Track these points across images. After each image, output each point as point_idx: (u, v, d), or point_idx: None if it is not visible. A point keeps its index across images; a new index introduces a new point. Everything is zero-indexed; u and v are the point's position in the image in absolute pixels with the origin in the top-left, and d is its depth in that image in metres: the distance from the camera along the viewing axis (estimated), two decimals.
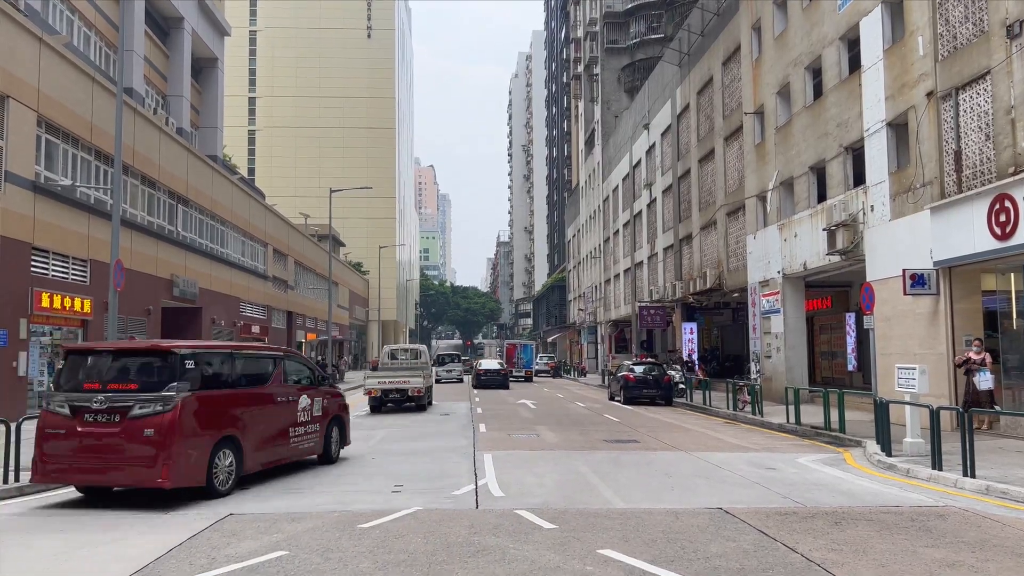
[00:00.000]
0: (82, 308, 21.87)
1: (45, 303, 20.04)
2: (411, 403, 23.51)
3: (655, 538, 7.16)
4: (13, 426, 10.08)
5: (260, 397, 10.72)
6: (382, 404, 23.31)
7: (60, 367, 9.75)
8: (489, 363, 40.30)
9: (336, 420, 12.77)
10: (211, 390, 9.70)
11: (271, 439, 10.80)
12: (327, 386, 12.78)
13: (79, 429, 9.03)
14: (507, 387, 37.36)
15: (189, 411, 9.16)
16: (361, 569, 6.21)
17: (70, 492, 9.98)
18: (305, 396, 11.80)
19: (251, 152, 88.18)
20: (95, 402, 9.03)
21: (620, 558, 6.46)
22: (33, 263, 19.94)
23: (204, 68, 42.92)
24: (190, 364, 9.48)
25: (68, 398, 9.20)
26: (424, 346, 32.08)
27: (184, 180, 29.99)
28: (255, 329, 38.94)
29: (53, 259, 20.97)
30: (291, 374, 11.74)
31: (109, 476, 9.14)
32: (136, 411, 8.95)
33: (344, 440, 13.14)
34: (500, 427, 17.85)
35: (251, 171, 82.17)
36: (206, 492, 9.38)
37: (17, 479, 10.00)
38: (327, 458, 12.44)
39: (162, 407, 8.97)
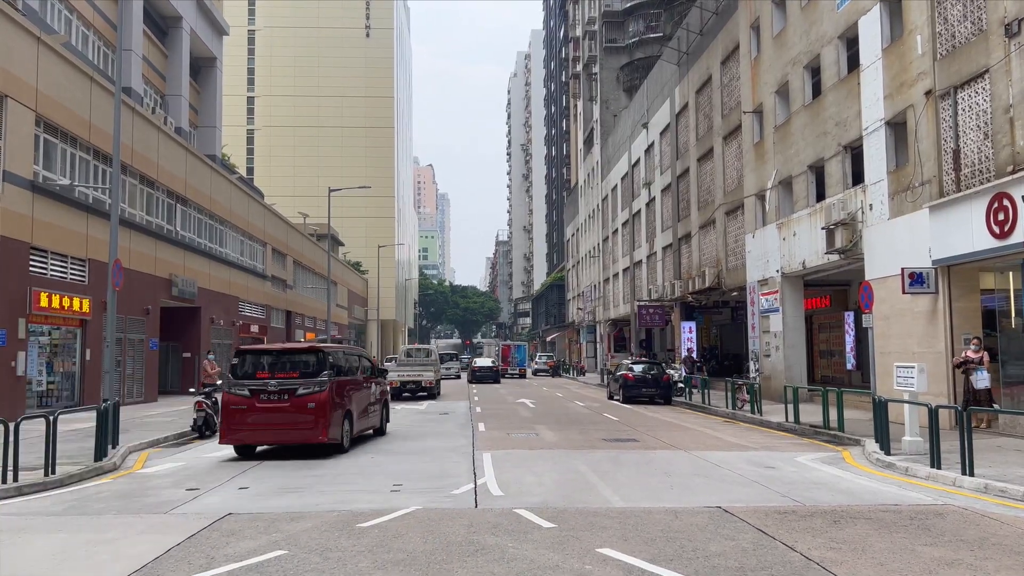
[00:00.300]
0: (81, 308, 21.88)
1: (44, 303, 20.04)
2: (424, 392, 28.54)
3: (654, 537, 7.17)
4: (12, 426, 10.05)
5: (357, 383, 14.51)
6: (400, 393, 27.90)
7: (234, 362, 13.12)
8: (483, 361, 46.58)
9: (384, 403, 16.67)
10: (340, 377, 13.41)
11: (361, 413, 14.55)
12: (380, 377, 16.67)
13: (257, 405, 12.61)
14: (499, 382, 42.28)
15: (334, 391, 12.92)
16: (360, 568, 6.21)
17: (68, 492, 10.00)
18: (373, 384, 15.70)
19: (250, 151, 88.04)
20: (271, 386, 12.64)
21: (619, 557, 6.47)
22: (32, 263, 19.94)
23: (203, 67, 42.90)
24: (331, 358, 13.21)
25: (247, 384, 12.71)
26: (434, 346, 36.57)
27: (183, 179, 29.97)
28: (254, 328, 38.92)
29: (52, 259, 20.96)
30: (365, 367, 15.53)
31: (282, 436, 12.75)
32: (301, 391, 12.62)
33: (387, 418, 16.97)
34: (499, 426, 17.87)
35: (250, 170, 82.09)
36: (337, 448, 13.23)
37: (16, 479, 9.98)
38: (381, 431, 16.32)
39: (319, 388, 12.69)
